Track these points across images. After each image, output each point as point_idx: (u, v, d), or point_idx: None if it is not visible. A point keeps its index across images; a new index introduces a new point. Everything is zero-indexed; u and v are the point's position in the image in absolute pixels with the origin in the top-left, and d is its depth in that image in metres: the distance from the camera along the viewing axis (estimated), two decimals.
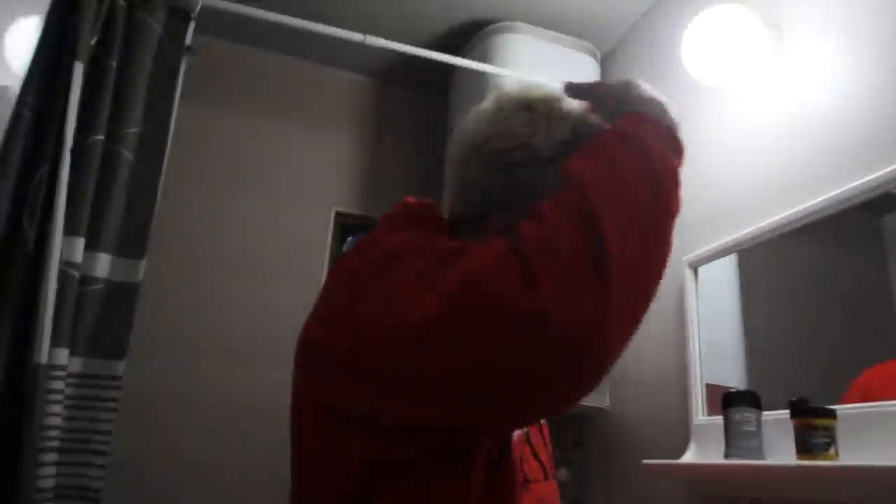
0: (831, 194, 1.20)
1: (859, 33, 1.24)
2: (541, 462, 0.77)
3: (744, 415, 1.21)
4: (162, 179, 1.32)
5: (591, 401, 1.63)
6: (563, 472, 1.77)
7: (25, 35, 1.23)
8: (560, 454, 1.82)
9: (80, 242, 1.16)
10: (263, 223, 1.98)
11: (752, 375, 1.37)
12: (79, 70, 1.20)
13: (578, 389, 0.51)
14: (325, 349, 0.62)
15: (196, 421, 1.74)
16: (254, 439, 1.70)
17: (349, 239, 1.97)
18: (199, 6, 1.40)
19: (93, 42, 1.25)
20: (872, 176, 1.12)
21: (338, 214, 2.08)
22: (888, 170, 1.09)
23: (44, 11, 1.20)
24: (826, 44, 1.33)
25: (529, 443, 0.76)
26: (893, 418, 1.02)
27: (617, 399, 1.70)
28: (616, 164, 0.56)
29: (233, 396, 1.79)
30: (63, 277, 1.12)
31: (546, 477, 0.78)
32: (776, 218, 1.32)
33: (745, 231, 1.38)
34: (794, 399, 1.12)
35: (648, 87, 0.67)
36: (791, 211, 1.29)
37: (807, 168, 1.30)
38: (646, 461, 1.38)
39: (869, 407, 1.07)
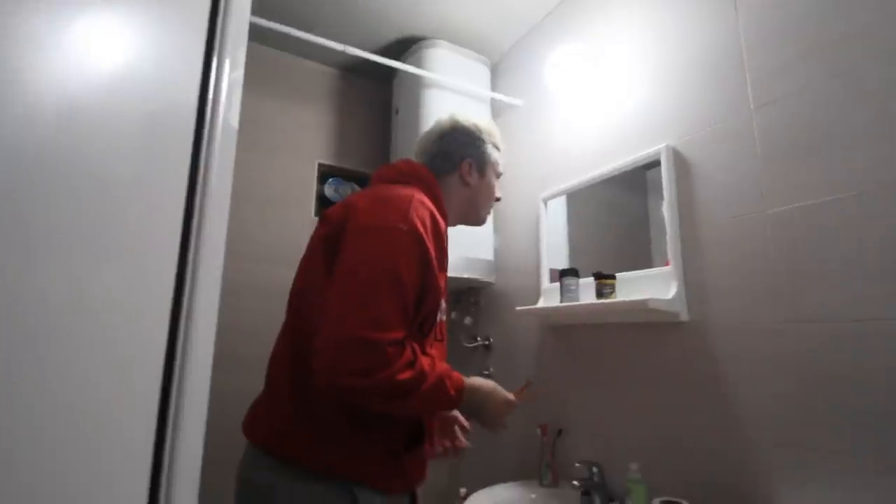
0: (620, 162, 1.34)
1: (646, 62, 1.36)
2: (443, 332, 0.91)
3: (570, 279, 1.37)
4: None
5: (483, 277, 1.77)
6: (469, 319, 1.91)
7: None
8: (465, 309, 1.96)
9: None
10: (275, 169, 1.97)
11: (572, 262, 1.50)
12: None
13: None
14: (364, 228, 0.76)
15: (245, 300, 1.74)
16: (267, 313, 1.65)
17: (329, 180, 2.06)
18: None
19: None
20: (645, 152, 1.27)
21: (320, 164, 2.07)
22: (652, 149, 1.25)
23: None
24: (622, 67, 1.42)
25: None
26: (635, 281, 1.22)
27: (498, 278, 1.84)
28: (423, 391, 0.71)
29: (253, 281, 1.82)
30: None
31: (444, 340, 0.91)
32: (589, 175, 1.44)
33: (572, 182, 1.51)
34: (595, 272, 1.29)
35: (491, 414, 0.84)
36: (596, 171, 1.41)
37: (608, 144, 1.43)
38: (518, 307, 1.55)
39: (629, 274, 1.25)
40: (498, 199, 1.05)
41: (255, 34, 1.84)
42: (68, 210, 0.35)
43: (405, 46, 2.03)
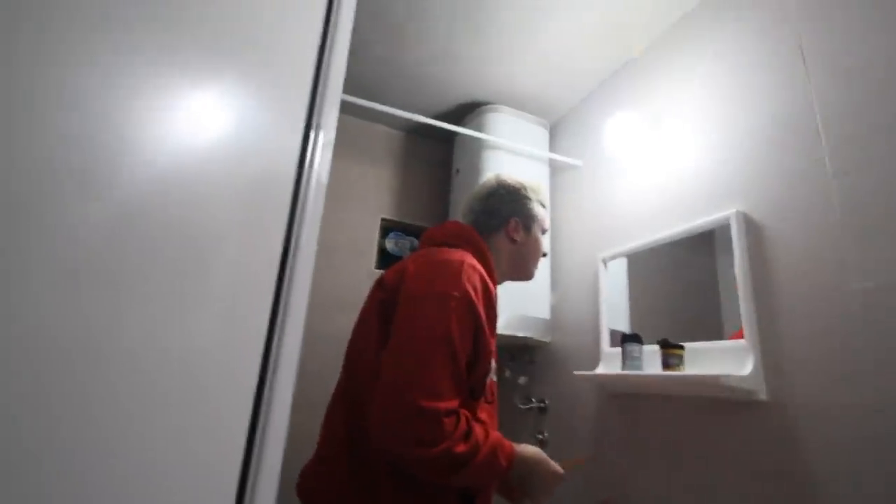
0: (684, 226, 1.31)
1: (710, 126, 1.33)
2: (493, 393, 0.89)
3: (633, 346, 1.31)
4: None
5: (539, 336, 1.73)
6: (523, 379, 1.83)
7: None
8: (519, 368, 1.90)
9: None
10: (342, 222, 2.09)
11: (634, 325, 1.45)
12: None
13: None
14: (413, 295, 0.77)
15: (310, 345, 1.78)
16: (329, 358, 1.66)
17: (390, 234, 2.14)
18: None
19: None
20: (713, 217, 1.24)
21: (383, 219, 2.17)
22: (720, 214, 1.21)
23: None
24: (684, 131, 1.41)
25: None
26: (705, 353, 1.16)
27: (554, 337, 1.80)
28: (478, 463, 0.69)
29: (316, 328, 1.85)
30: None
31: (494, 401, 0.89)
32: (651, 238, 1.42)
33: (633, 243, 1.49)
34: (661, 339, 1.23)
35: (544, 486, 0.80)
36: (658, 234, 1.39)
37: (671, 206, 1.40)
38: (576, 371, 1.51)
39: (699, 345, 1.19)
40: (545, 255, 1.07)
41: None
42: (179, 262, 0.40)
43: (467, 110, 2.14)
